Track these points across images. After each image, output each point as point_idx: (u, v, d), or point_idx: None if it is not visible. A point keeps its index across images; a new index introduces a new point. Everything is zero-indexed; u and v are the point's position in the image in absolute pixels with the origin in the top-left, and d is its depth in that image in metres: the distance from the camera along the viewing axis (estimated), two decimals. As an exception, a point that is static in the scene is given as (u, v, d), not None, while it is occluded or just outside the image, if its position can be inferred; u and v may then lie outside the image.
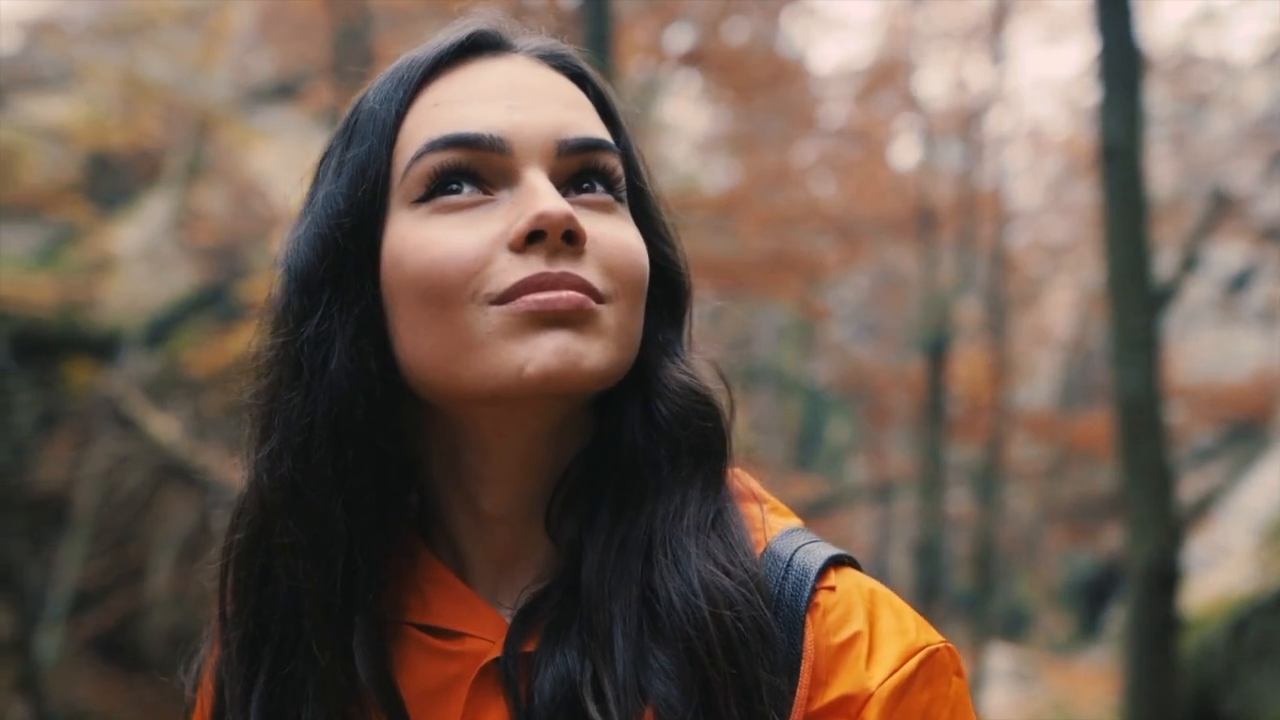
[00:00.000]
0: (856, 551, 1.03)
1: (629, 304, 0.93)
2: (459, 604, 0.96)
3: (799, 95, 13.44)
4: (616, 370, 0.92)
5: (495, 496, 0.96)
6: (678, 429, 0.95)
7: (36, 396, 10.48)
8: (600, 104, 1.00)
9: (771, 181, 13.27)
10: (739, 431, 0.99)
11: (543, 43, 1.02)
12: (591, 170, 0.94)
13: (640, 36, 11.20)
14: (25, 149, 12.94)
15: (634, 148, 1.01)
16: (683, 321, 1.02)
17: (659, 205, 1.02)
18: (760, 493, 1.03)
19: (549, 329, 0.87)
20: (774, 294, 14.26)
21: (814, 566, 0.95)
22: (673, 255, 1.02)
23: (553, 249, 0.88)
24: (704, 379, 0.98)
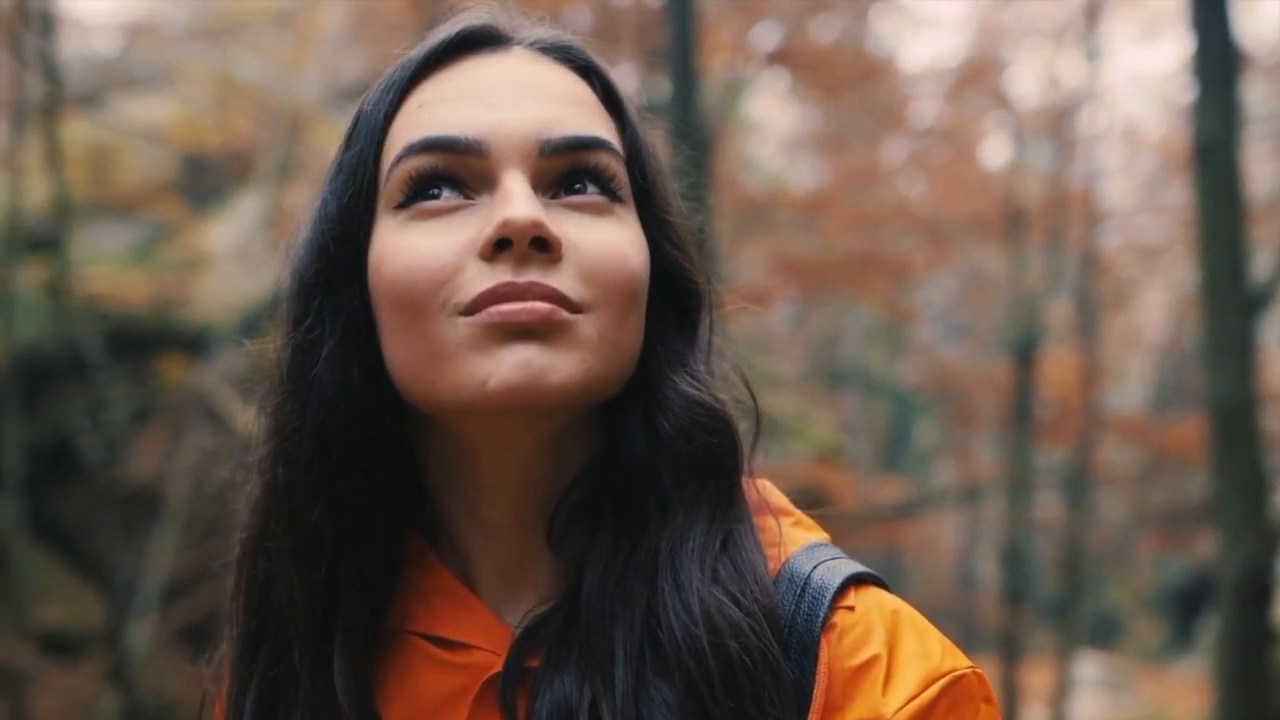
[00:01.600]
0: (942, 555, 0.98)
1: (614, 313, 0.88)
2: (466, 615, 0.93)
3: (888, 94, 13.33)
4: (596, 383, 0.87)
5: (496, 507, 0.93)
6: (681, 443, 0.90)
7: (131, 392, 10.70)
8: (609, 98, 0.96)
9: (859, 181, 13.18)
10: (826, 434, 0.95)
11: (545, 34, 0.97)
12: (582, 170, 0.89)
13: (726, 35, 11.17)
14: (122, 149, 13.22)
15: (644, 144, 0.96)
16: (695, 330, 0.97)
17: (669, 206, 0.97)
18: (783, 505, 1.00)
19: (514, 342, 0.84)
20: (861, 294, 14.18)
21: (832, 585, 0.91)
22: (682, 259, 0.96)
23: (520, 257, 0.84)
24: (715, 391, 0.94)
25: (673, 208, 0.97)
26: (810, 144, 15.18)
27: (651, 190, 0.95)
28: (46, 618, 10.72)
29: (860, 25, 13.45)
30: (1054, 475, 14.62)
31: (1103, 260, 14.61)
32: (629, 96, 0.97)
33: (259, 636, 0.96)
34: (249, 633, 0.97)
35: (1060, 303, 14.75)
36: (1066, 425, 13.56)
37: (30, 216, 12.00)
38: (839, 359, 20.45)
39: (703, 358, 0.96)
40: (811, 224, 13.23)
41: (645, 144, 0.96)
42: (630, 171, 0.93)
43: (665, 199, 0.96)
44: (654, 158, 0.97)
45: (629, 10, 11.59)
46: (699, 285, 0.97)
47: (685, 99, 8.70)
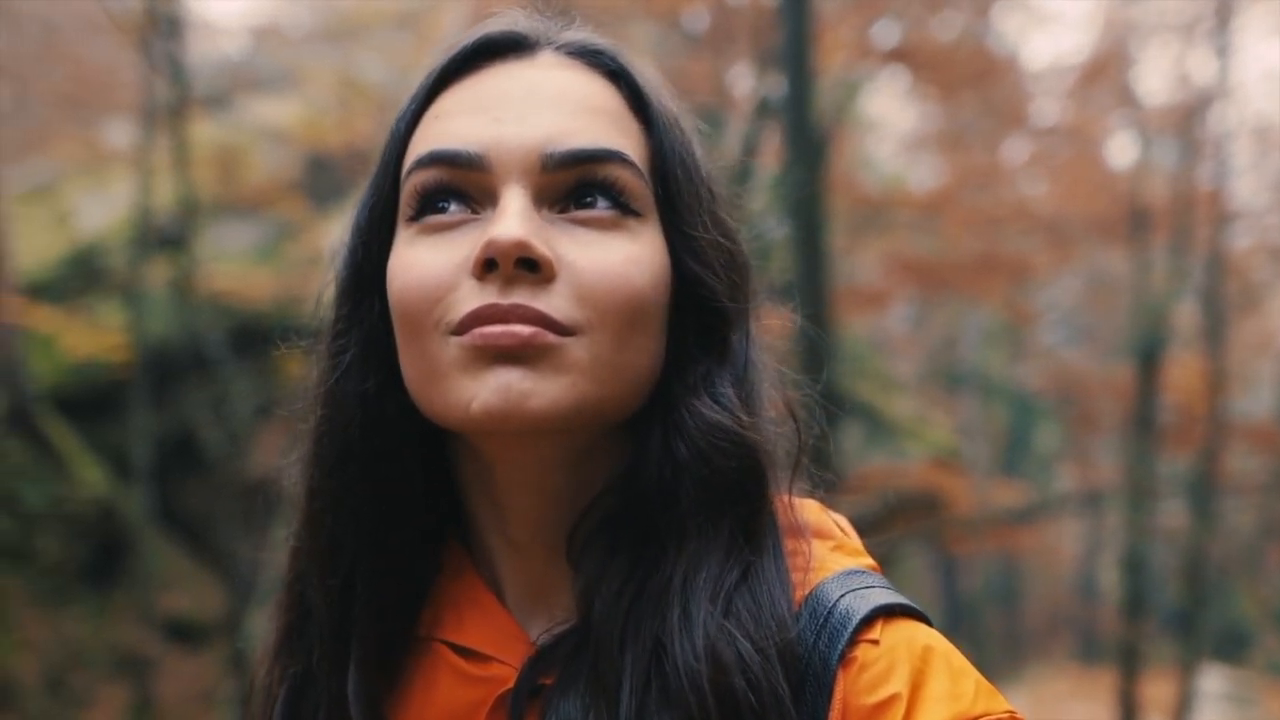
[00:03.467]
0: (1062, 563, 0.92)
1: (611, 335, 0.84)
2: (491, 627, 0.92)
3: (1009, 92, 13.12)
4: (590, 407, 0.84)
5: (518, 523, 0.91)
6: (698, 468, 0.86)
7: (254, 387, 10.93)
8: (637, 105, 0.92)
9: (979, 180, 13.00)
10: (943, 437, 0.91)
11: (573, 38, 0.93)
12: (591, 184, 0.86)
13: (845, 33, 11.07)
14: (248, 149, 13.53)
15: (674, 153, 0.91)
16: (724, 350, 0.91)
17: (694, 219, 0.90)
18: (824, 528, 0.95)
19: (497, 365, 0.82)
20: (980, 296, 13.99)
21: (856, 615, 0.85)
22: (706, 276, 0.90)
23: (507, 277, 0.82)
24: (742, 414, 0.88)
25: (699, 221, 0.91)
26: (929, 143, 15.01)
27: (674, 202, 0.90)
28: (171, 606, 11.02)
29: (982, 22, 13.25)
30: (1178, 482, 14.30)
31: (1231, 262, 14.22)
32: (660, 102, 0.92)
33: (291, 633, 0.97)
34: (284, 628, 0.98)
35: (1186, 305, 14.41)
36: (1191, 431, 13.24)
37: (159, 216, 12.33)
38: (957, 361, 20.20)
39: (732, 379, 0.90)
40: (930, 224, 13.08)
41: (675, 153, 0.91)
42: (654, 183, 0.90)
43: (690, 212, 0.90)
44: (684, 167, 0.91)
45: (745, 10, 11.54)
46: (723, 303, 0.91)
47: (800, 99, 8.64)
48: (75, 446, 11.80)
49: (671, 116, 0.93)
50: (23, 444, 11.53)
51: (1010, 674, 20.26)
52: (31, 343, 12.21)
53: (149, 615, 11.00)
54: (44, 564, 11.03)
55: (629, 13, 12.50)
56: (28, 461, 11.45)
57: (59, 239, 13.86)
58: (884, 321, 18.88)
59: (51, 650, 10.54)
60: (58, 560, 11.11)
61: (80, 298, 13.11)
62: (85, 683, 10.62)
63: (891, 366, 19.72)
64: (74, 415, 11.89)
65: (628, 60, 0.93)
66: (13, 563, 10.80)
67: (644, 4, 12.27)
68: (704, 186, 0.93)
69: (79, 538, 11.28)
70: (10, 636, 10.42)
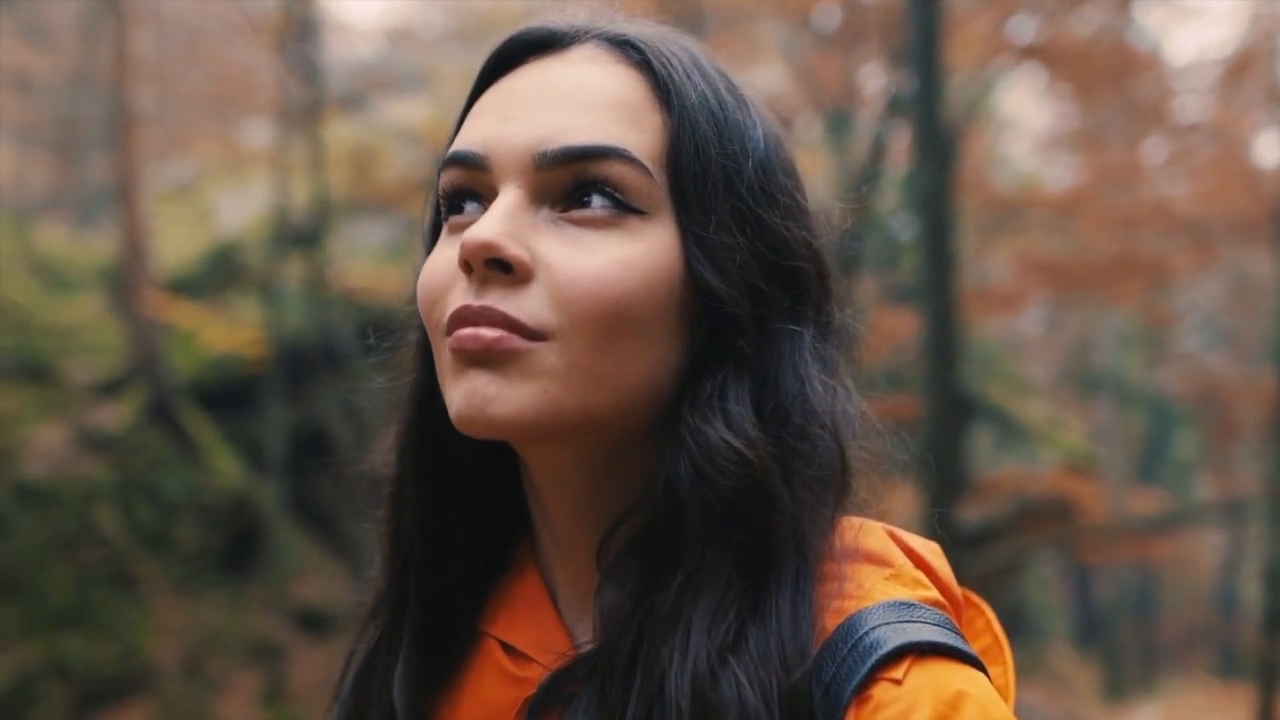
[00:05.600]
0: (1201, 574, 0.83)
1: (588, 341, 0.81)
2: (538, 627, 0.90)
3: (1150, 88, 12.78)
4: (569, 415, 0.81)
5: (557, 522, 0.90)
6: (698, 489, 0.82)
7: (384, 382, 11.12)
8: (665, 96, 0.86)
9: (1117, 180, 12.69)
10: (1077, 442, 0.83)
11: (606, 28, 0.89)
12: (588, 182, 0.82)
13: (979, 29, 10.89)
14: (382, 149, 13.78)
15: (691, 147, 0.85)
16: (741, 362, 0.85)
17: (711, 217, 0.84)
18: (883, 553, 0.87)
19: (470, 369, 0.81)
20: (1117, 298, 13.66)
21: (885, 648, 0.77)
22: (714, 279, 0.84)
23: (481, 278, 0.81)
24: (751, 432, 0.82)
25: (714, 219, 0.84)
26: (1065, 142, 14.71)
27: (687, 199, 0.84)
28: (302, 595, 11.26)
29: (1122, 17, 12.93)
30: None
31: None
32: (690, 92, 0.86)
33: (371, 612, 0.99)
34: (366, 605, 1.00)
35: (1337, 310, 13.91)
36: (1341, 440, 12.75)
37: (295, 214, 12.62)
38: (1093, 364, 19.78)
39: (754, 393, 0.85)
40: (1065, 225, 12.82)
41: (694, 147, 0.85)
42: (669, 178, 0.85)
43: (703, 210, 0.84)
44: (703, 161, 0.85)
45: (876, 7, 11.42)
46: (734, 310, 0.84)
47: (930, 97, 8.51)
48: (213, 438, 12.13)
49: (704, 107, 0.86)
50: (163, 436, 11.89)
51: (1144, 687, 19.77)
52: (173, 337, 12.59)
53: (281, 604, 11.26)
54: (182, 552, 11.36)
55: (759, 11, 12.45)
56: (168, 453, 11.80)
57: (200, 237, 14.27)
58: (1017, 324, 18.56)
59: (189, 636, 10.85)
60: (195, 549, 11.44)
61: (219, 294, 13.48)
62: (220, 668, 10.92)
63: (1024, 370, 19.37)
64: (212, 408, 12.23)
65: (658, 48, 0.88)
66: (153, 551, 11.14)
67: (774, 3, 12.21)
68: (739, 182, 0.85)
69: (215, 527, 11.60)
70: (150, 622, 10.74)
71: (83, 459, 11.45)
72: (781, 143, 0.91)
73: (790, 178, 0.90)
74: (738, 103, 0.89)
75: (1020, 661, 1.72)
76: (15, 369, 11.86)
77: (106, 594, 10.61)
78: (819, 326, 0.89)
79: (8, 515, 10.59)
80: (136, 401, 12.02)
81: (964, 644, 0.81)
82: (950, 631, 0.81)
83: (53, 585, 10.36)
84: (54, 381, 12.03)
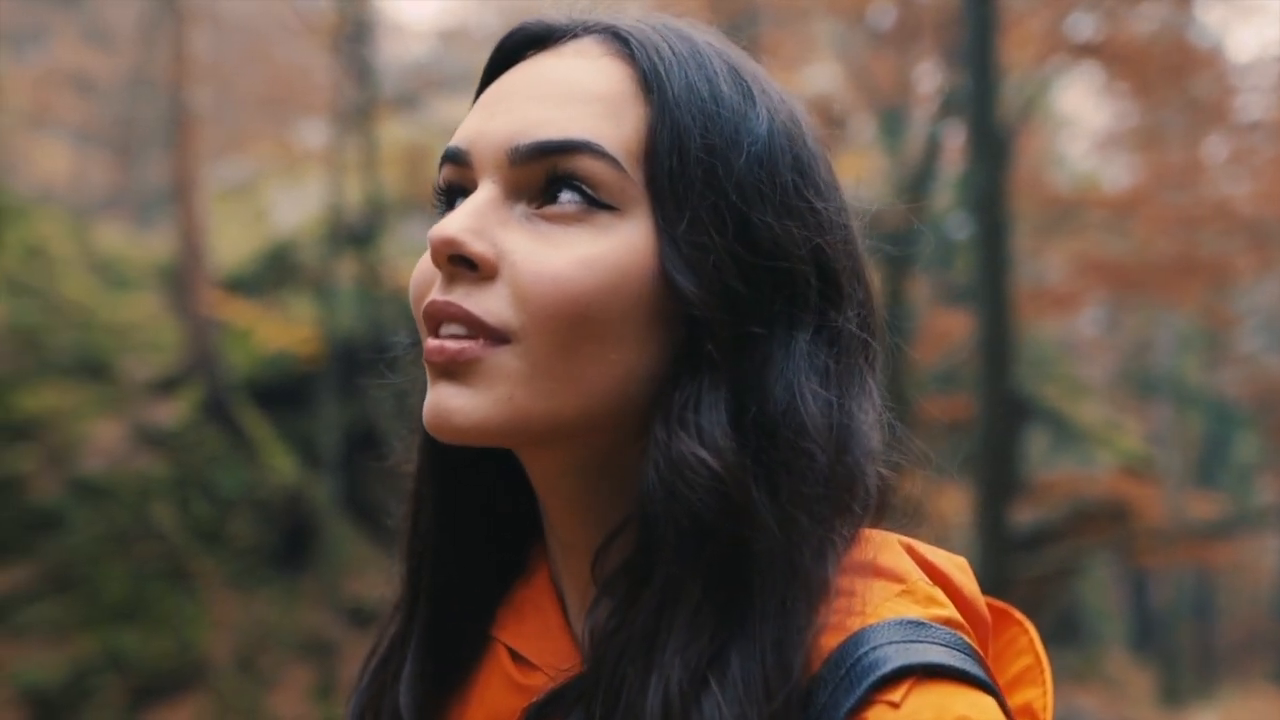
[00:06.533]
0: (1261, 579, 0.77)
1: (550, 342, 0.79)
2: (544, 634, 0.88)
3: (1210, 86, 12.61)
4: (536, 420, 0.79)
5: (559, 529, 0.88)
6: (667, 502, 0.78)
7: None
8: (648, 88, 0.83)
9: (1176, 179, 12.53)
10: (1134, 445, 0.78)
11: (599, 19, 0.87)
12: (559, 177, 0.80)
13: (1036, 27, 10.79)
14: (434, 149, 13.84)
15: (670, 140, 0.81)
16: (715, 370, 0.80)
17: (685, 214, 0.80)
18: (896, 569, 0.82)
19: (439, 379, 0.80)
20: (1176, 299, 13.48)
21: (884, 668, 0.73)
22: (686, 284, 0.79)
23: (449, 275, 0.80)
24: (723, 444, 0.78)
25: (688, 216, 0.80)
26: (1124, 141, 14.55)
27: (661, 195, 0.81)
28: (354, 591, 11.32)
29: (1183, 15, 12.76)
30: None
31: None
32: (675, 83, 0.83)
33: (395, 607, 0.98)
34: (392, 599, 0.99)
35: (1403, 312, 13.66)
36: (1407, 445, 12.53)
37: (349, 213, 12.72)
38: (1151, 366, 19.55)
39: (730, 403, 0.80)
40: (1123, 225, 12.68)
41: (673, 140, 0.81)
42: (646, 173, 0.81)
43: (677, 206, 0.80)
44: (682, 155, 0.81)
45: (930, 6, 11.34)
46: (702, 316, 0.80)
47: (984, 95, 8.44)
48: (267, 435, 12.24)
49: (690, 99, 0.83)
50: (219, 433, 12.01)
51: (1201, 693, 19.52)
52: (228, 335, 12.71)
53: (333, 599, 11.33)
54: (237, 548, 11.47)
55: (813, 10, 12.40)
56: (223, 449, 11.92)
57: (255, 236, 14.41)
58: (1073, 325, 18.39)
59: (242, 631, 10.95)
60: (249, 545, 11.55)
61: (274, 292, 13.61)
62: (273, 664, 11.01)
63: (1080, 371, 19.18)
64: (266, 405, 12.34)
65: (648, 39, 0.85)
66: (208, 546, 11.26)
67: (828, 1, 12.16)
68: (725, 178, 0.81)
69: (269, 523, 11.70)
70: (204, 617, 10.85)
71: (140, 455, 11.59)
72: (795, 138, 0.85)
73: (801, 174, 0.84)
74: (740, 95, 0.84)
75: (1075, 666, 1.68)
76: (75, 366, 12.02)
77: (162, 589, 10.73)
78: (821, 333, 0.83)
79: (66, 510, 10.74)
80: (193, 399, 12.15)
81: (975, 667, 0.76)
82: (962, 653, 0.76)
83: (109, 580, 10.49)
84: (112, 379, 12.19)
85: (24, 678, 9.73)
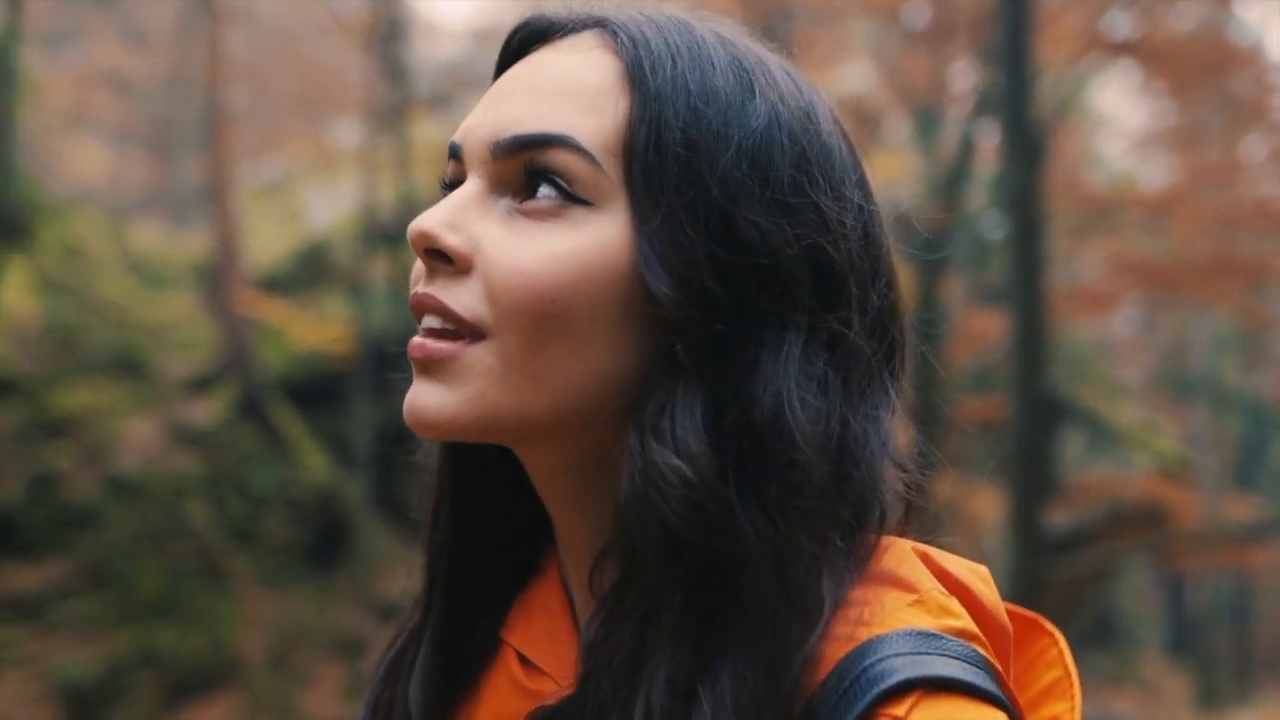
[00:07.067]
0: None
1: (520, 338, 0.77)
2: (552, 638, 0.86)
3: (1250, 85, 12.49)
4: (507, 418, 0.78)
5: (562, 530, 0.87)
6: (639, 511, 0.76)
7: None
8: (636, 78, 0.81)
9: (1214, 179, 12.42)
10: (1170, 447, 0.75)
11: (594, 12, 0.85)
12: (537, 171, 0.79)
13: (1071, 25, 10.71)
14: (468, 148, 13.88)
15: (648, 133, 0.79)
16: (688, 374, 0.77)
17: (659, 210, 0.78)
18: (908, 578, 0.79)
19: (419, 376, 0.80)
20: (1213, 300, 13.36)
21: (889, 680, 0.70)
22: (655, 283, 0.77)
23: (429, 268, 0.80)
24: (694, 450, 0.75)
25: (662, 212, 0.78)
26: (1161, 140, 14.43)
27: (636, 190, 0.79)
28: (387, 589, 11.35)
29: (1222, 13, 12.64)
30: None
31: None
32: (659, 75, 0.80)
33: (415, 601, 0.97)
34: (413, 594, 0.98)
35: None
36: None
37: (382, 213, 12.76)
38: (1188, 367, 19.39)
39: (706, 408, 0.77)
40: (1160, 224, 12.57)
41: (652, 133, 0.79)
42: (624, 166, 0.79)
43: (652, 201, 0.78)
44: (659, 149, 0.79)
45: (965, 5, 11.27)
46: (673, 316, 0.77)
47: (1019, 94, 8.38)
48: (301, 434, 12.29)
49: (675, 92, 0.80)
50: (253, 431, 12.08)
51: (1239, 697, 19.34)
52: (263, 334, 12.78)
53: (365, 598, 11.37)
54: (270, 546, 11.53)
55: (847, 9, 12.36)
56: (257, 448, 11.98)
57: (290, 235, 14.49)
58: (1109, 325, 18.25)
59: (276, 629, 11.00)
60: (283, 543, 11.60)
61: (308, 291, 13.67)
62: (305, 661, 11.05)
63: (1116, 372, 19.04)
64: (300, 404, 12.40)
65: (640, 31, 0.83)
66: (241, 544, 11.32)
67: (863, 0, 12.12)
68: (707, 173, 0.78)
69: (302, 521, 11.75)
70: (238, 614, 10.91)
71: (174, 453, 11.67)
72: (801, 133, 0.81)
73: (804, 170, 0.80)
74: (738, 88, 0.81)
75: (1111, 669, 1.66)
76: (111, 365, 12.11)
77: (196, 586, 10.79)
78: (818, 336, 0.79)
79: (101, 508, 10.82)
80: (227, 397, 12.22)
81: (987, 681, 0.72)
82: (974, 666, 0.73)
83: (144, 577, 10.56)
84: (148, 377, 12.28)
85: (60, 673, 9.81)
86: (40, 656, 9.87)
